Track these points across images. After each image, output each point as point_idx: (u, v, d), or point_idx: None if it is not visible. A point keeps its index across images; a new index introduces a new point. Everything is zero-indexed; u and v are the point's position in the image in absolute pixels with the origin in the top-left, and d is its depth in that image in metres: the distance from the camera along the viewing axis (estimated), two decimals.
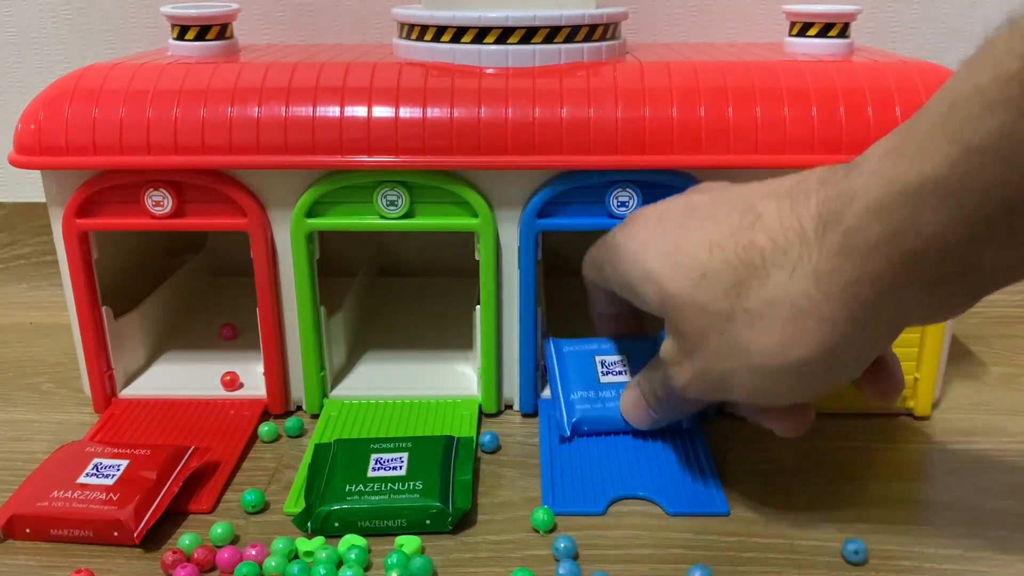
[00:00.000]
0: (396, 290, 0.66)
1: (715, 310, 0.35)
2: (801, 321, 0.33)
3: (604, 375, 0.47)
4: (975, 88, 0.27)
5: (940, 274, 0.30)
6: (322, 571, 0.36)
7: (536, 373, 0.50)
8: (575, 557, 0.38)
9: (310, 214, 0.46)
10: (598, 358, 0.48)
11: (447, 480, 0.41)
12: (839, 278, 0.32)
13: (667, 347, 0.38)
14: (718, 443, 0.47)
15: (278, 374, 0.50)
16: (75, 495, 0.40)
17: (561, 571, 0.36)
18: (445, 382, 0.52)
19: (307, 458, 0.45)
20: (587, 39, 0.48)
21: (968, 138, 0.27)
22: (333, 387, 0.51)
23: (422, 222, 0.46)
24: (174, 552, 0.38)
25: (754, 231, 0.34)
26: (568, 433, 0.45)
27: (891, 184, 0.30)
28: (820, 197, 0.33)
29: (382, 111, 0.44)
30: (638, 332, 0.49)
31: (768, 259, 0.33)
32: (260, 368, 0.50)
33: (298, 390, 0.50)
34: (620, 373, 0.47)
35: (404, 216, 0.46)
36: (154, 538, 0.39)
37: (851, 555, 0.37)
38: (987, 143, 0.27)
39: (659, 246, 0.37)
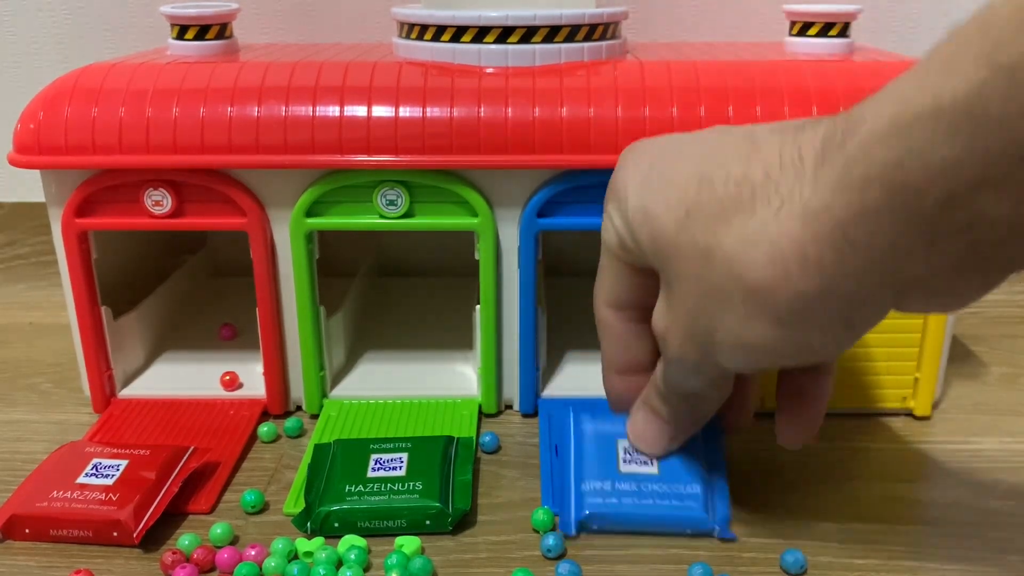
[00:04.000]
0: (396, 290, 0.66)
1: (695, 251, 0.32)
2: (782, 264, 0.29)
3: (625, 463, 0.41)
4: (1017, 6, 0.24)
5: (944, 224, 0.27)
6: (322, 571, 0.36)
7: (536, 373, 0.50)
8: (564, 555, 0.38)
9: (309, 214, 0.46)
10: (621, 443, 0.41)
11: (447, 480, 0.41)
12: (829, 217, 0.28)
13: (658, 310, 0.35)
14: None
15: (277, 374, 0.50)
16: (74, 495, 0.40)
17: (561, 571, 0.36)
18: (445, 382, 0.52)
19: (307, 458, 0.45)
20: (587, 38, 0.48)
21: (998, 59, 0.24)
22: (333, 387, 0.51)
23: (422, 222, 0.46)
24: (173, 552, 0.38)
25: (749, 162, 0.31)
26: (573, 532, 0.39)
27: (903, 107, 0.26)
28: (828, 128, 0.29)
29: (382, 110, 0.44)
30: (648, 350, 0.40)
31: (757, 193, 0.30)
32: (260, 368, 0.50)
33: (298, 390, 0.50)
34: (644, 463, 0.41)
35: (404, 216, 0.46)
36: (153, 538, 0.39)
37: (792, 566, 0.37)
38: (1020, 63, 0.23)
39: (655, 178, 0.34)
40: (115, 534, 0.39)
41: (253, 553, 0.38)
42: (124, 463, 0.42)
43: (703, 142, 0.34)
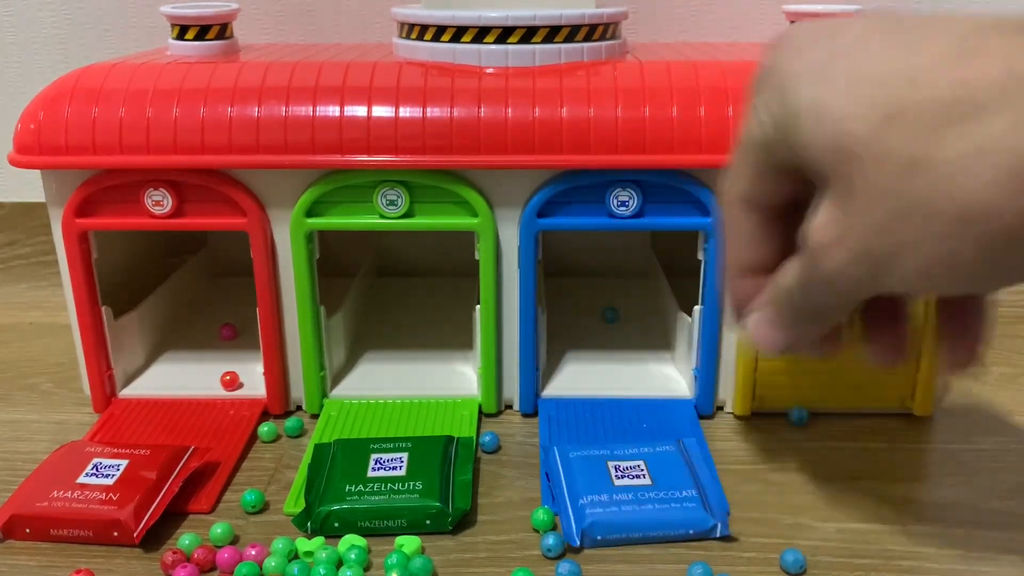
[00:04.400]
0: (396, 290, 0.66)
1: (902, 157, 0.28)
2: (1015, 182, 0.26)
3: (619, 479, 0.41)
4: None
5: None
6: (322, 571, 0.36)
7: (536, 373, 0.50)
8: (563, 555, 0.38)
9: (310, 214, 0.46)
10: (611, 463, 0.42)
11: (447, 480, 0.41)
12: None
13: (822, 221, 0.30)
14: (718, 443, 0.47)
15: (278, 374, 0.50)
16: (75, 495, 0.40)
17: (561, 571, 0.36)
18: (445, 382, 0.52)
19: (307, 458, 0.45)
20: (587, 39, 0.48)
21: None
22: (333, 387, 0.51)
23: (422, 222, 0.46)
24: (174, 552, 0.38)
25: (970, 65, 0.27)
26: (577, 542, 0.38)
27: None
28: None
29: (382, 111, 0.44)
30: (777, 250, 0.35)
31: (987, 100, 0.26)
32: (260, 368, 0.50)
33: (298, 390, 0.50)
34: (638, 476, 0.41)
35: (404, 216, 0.46)
36: (154, 538, 0.39)
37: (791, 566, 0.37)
38: None
39: (842, 70, 0.29)
40: (115, 534, 0.39)
41: (253, 553, 0.38)
42: (124, 463, 0.42)
43: (890, 31, 0.30)
